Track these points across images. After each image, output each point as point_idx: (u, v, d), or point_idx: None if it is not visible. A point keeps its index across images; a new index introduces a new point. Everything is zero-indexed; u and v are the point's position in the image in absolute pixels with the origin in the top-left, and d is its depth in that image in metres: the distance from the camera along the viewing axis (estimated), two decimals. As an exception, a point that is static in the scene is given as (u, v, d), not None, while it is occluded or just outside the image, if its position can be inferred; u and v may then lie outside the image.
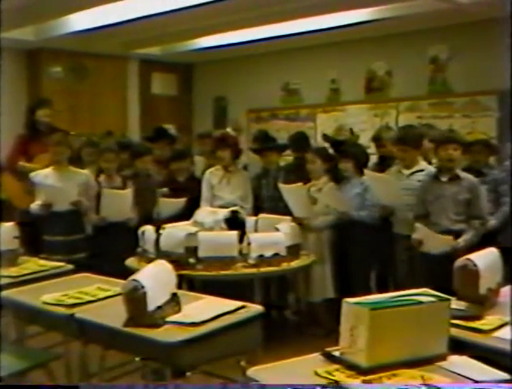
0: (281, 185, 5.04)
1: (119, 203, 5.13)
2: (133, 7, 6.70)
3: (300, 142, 5.86)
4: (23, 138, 6.11)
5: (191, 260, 4.34)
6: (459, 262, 2.88)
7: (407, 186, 4.71)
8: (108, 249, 5.03)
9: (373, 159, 5.70)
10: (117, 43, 8.37)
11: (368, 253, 4.88)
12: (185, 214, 5.16)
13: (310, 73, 8.75)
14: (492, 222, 4.75)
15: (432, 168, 4.71)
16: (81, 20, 7.22)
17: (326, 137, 6.62)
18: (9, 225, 4.30)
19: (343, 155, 5.14)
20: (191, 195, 5.52)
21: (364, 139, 6.60)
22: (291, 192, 4.97)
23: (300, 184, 4.95)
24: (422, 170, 4.77)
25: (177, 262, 3.87)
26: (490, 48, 6.60)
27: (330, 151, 5.51)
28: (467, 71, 7.10)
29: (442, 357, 2.28)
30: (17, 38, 7.76)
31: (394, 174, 4.91)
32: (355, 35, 7.78)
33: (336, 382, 2.10)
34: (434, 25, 7.18)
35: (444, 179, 4.41)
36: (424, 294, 2.36)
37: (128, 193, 5.23)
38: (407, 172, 4.84)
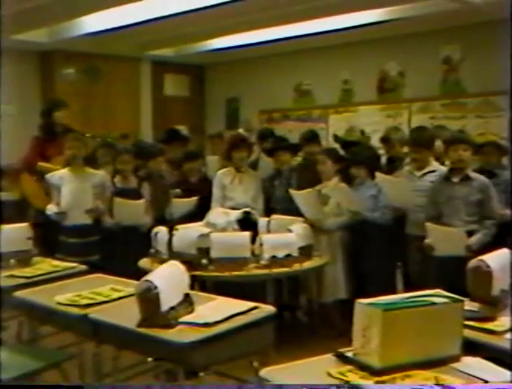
0: (292, 191, 5.04)
1: (132, 211, 5.15)
2: (146, 9, 6.72)
3: (311, 139, 5.86)
4: (40, 139, 6.13)
5: (204, 261, 4.35)
6: (472, 263, 2.87)
7: (419, 188, 4.70)
8: (121, 250, 5.05)
9: (382, 159, 5.69)
10: (130, 44, 8.41)
11: (380, 254, 4.87)
12: (198, 215, 5.17)
13: (322, 74, 8.75)
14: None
15: (444, 169, 4.70)
16: (94, 22, 7.26)
17: (336, 138, 6.63)
18: (23, 226, 4.33)
19: (356, 160, 5.12)
20: (203, 196, 5.52)
21: (377, 140, 6.58)
22: (302, 197, 4.97)
23: (310, 190, 4.95)
24: (434, 171, 4.76)
25: (190, 262, 3.87)
26: (503, 48, 6.56)
27: (341, 152, 5.51)
28: (479, 71, 7.08)
29: (456, 359, 2.27)
30: (30, 40, 7.82)
31: (406, 175, 4.90)
32: (367, 35, 7.77)
33: (347, 382, 2.09)
34: (447, 25, 7.16)
35: (455, 180, 4.41)
36: (437, 295, 2.35)
37: (141, 202, 5.24)
38: (418, 173, 4.83)
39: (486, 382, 2.10)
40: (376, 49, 8.11)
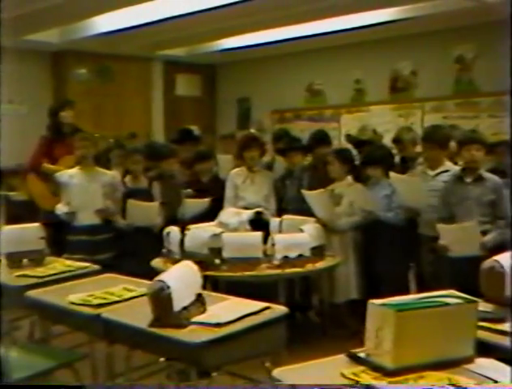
0: (304, 192, 5.03)
1: (144, 212, 5.16)
2: (157, 9, 6.75)
3: (321, 140, 5.86)
4: (46, 139, 6.13)
5: (216, 261, 4.35)
6: (486, 263, 2.86)
7: (432, 187, 4.69)
8: (133, 249, 5.07)
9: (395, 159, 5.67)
10: (142, 44, 8.44)
11: (393, 254, 4.85)
12: (210, 215, 5.18)
13: (334, 73, 8.75)
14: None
15: (457, 169, 4.68)
16: (106, 22, 7.29)
17: (349, 137, 6.61)
18: (35, 226, 4.35)
19: (371, 160, 5.11)
20: (215, 196, 5.53)
21: (389, 140, 6.57)
22: (314, 198, 4.96)
23: (322, 190, 4.95)
24: (447, 171, 4.75)
25: (202, 262, 3.87)
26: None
27: (354, 152, 5.50)
28: (493, 70, 7.04)
29: (469, 360, 2.26)
30: (42, 40, 7.87)
31: (419, 175, 4.89)
32: (379, 34, 7.76)
33: (360, 382, 2.09)
34: (459, 24, 7.14)
35: (468, 180, 4.39)
36: (451, 296, 2.34)
37: (154, 204, 5.26)
38: (432, 172, 4.81)
39: (498, 382, 2.09)
40: (388, 48, 8.10)
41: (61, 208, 5.17)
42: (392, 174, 4.90)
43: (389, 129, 7.83)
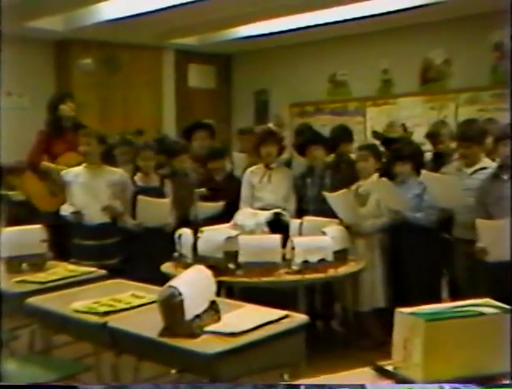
0: (326, 193, 5.03)
1: (156, 210, 5.19)
2: (168, -6, 6.76)
3: (343, 137, 5.85)
4: (45, 135, 6.14)
5: (231, 266, 4.37)
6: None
7: (468, 186, 4.66)
8: (142, 253, 5.10)
9: (426, 156, 5.64)
10: (152, 33, 8.46)
11: (423, 258, 4.84)
12: (225, 216, 5.19)
13: (359, 63, 8.72)
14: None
15: (495, 166, 4.65)
16: (113, 8, 7.32)
17: (376, 134, 6.58)
18: (36, 228, 4.40)
19: (400, 156, 5.10)
20: (230, 196, 5.55)
21: (419, 135, 6.54)
22: (337, 199, 4.96)
23: (345, 190, 4.94)
24: (485, 168, 4.71)
25: (216, 267, 3.89)
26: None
27: (381, 149, 5.49)
28: (534, 59, 6.99)
29: (505, 376, 2.25)
30: (44, 28, 7.90)
31: (454, 173, 4.87)
32: (409, 20, 7.73)
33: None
34: (498, 8, 7.07)
35: (505, 178, 4.36)
36: (487, 305, 2.33)
37: (166, 201, 5.29)
38: (468, 170, 4.78)
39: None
40: (419, 34, 8.06)
41: (66, 209, 5.21)
42: (424, 172, 4.88)
43: (419, 123, 7.79)
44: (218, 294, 3.19)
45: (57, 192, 5.51)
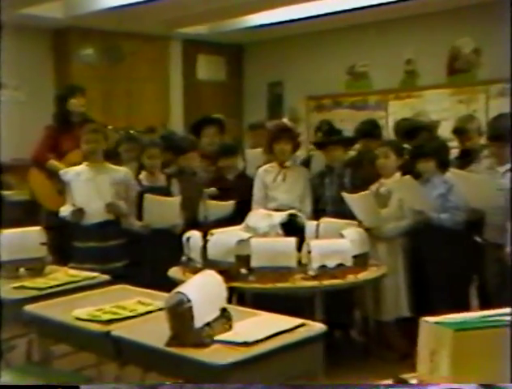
0: (344, 194, 5.04)
1: (164, 210, 5.22)
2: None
3: (370, 132, 5.84)
4: (52, 130, 6.19)
5: (243, 270, 4.38)
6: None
7: (501, 186, 4.63)
8: (148, 257, 5.13)
9: (454, 152, 5.64)
10: (158, 21, 8.48)
11: (450, 263, 4.83)
12: (236, 217, 5.21)
13: (381, 52, 8.72)
14: None
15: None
16: (116, -5, 7.35)
17: (398, 125, 6.51)
18: (35, 230, 4.41)
19: (422, 153, 5.09)
20: (242, 196, 5.56)
21: (446, 131, 6.53)
22: (356, 201, 4.96)
23: (365, 192, 4.95)
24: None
25: (227, 272, 3.91)
26: None
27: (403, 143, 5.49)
28: None
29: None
30: (42, 15, 7.92)
31: (485, 171, 4.85)
32: (435, 6, 7.71)
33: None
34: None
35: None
36: (519, 313, 2.33)
37: (175, 200, 5.31)
38: (501, 168, 4.76)
39: None
40: (446, 21, 8.04)
41: (66, 209, 5.22)
42: (452, 170, 4.87)
43: (446, 117, 7.78)
44: (229, 301, 3.20)
45: (65, 191, 5.54)
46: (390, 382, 2.25)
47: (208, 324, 2.78)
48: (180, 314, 2.71)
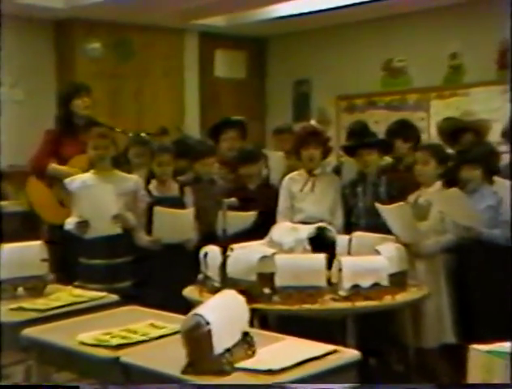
0: (378, 206, 5.04)
1: (176, 223, 5.25)
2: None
3: (401, 133, 5.84)
4: (54, 134, 6.20)
5: (266, 290, 4.38)
6: None
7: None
8: (159, 275, 5.15)
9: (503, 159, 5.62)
10: (171, 12, 8.51)
11: (500, 284, 4.81)
12: (258, 231, 5.22)
13: (422, 46, 8.70)
14: None
15: None
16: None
17: (442, 124, 6.45)
18: (35, 245, 4.42)
19: (467, 160, 5.07)
20: (265, 207, 5.58)
21: (495, 134, 6.48)
22: (392, 212, 4.96)
23: (402, 203, 4.94)
24: None
25: (248, 292, 3.91)
26: None
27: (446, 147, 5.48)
28: None
29: None
30: (43, 5, 7.96)
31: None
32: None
33: None
34: None
35: None
36: None
37: (189, 212, 5.33)
38: None
39: None
40: (497, 10, 8.01)
41: (71, 222, 5.26)
42: (498, 179, 4.85)
43: (496, 118, 7.73)
44: (251, 324, 3.21)
45: (67, 201, 5.55)
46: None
47: (229, 350, 2.78)
48: (197, 338, 2.72)
